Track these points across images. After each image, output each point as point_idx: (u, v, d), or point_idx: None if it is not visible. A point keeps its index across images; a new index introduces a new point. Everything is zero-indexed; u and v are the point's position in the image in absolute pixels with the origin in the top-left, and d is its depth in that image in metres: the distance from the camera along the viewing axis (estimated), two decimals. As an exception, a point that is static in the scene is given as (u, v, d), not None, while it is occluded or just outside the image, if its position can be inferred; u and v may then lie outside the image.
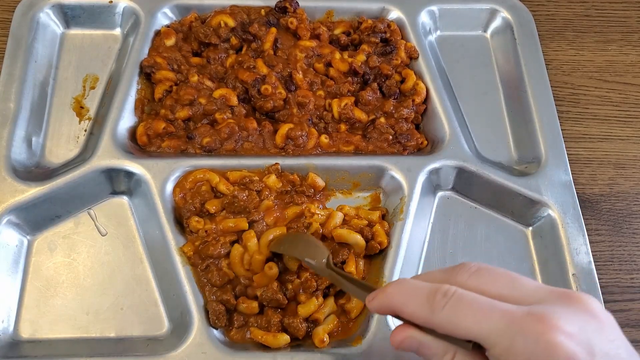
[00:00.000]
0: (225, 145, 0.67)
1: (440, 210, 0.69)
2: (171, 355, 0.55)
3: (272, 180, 0.64)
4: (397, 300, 0.40)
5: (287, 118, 0.69)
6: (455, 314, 0.36)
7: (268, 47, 0.72)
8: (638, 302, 0.66)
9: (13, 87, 0.66)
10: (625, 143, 0.76)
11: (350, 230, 0.62)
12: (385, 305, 0.41)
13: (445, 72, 0.77)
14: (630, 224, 0.70)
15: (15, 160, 0.63)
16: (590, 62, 0.81)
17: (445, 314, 0.36)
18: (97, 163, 0.63)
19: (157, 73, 0.69)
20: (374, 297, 0.42)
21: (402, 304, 0.39)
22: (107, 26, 0.75)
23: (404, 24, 0.77)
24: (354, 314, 0.59)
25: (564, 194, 0.67)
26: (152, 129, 0.66)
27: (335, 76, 0.72)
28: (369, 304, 0.43)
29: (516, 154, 0.73)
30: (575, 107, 0.78)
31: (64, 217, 0.64)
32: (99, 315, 0.59)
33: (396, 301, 0.40)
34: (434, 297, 0.37)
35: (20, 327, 0.58)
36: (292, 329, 0.57)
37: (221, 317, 0.57)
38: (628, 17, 0.86)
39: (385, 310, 0.42)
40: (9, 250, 0.60)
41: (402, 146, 0.70)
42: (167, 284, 0.60)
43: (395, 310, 0.40)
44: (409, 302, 0.39)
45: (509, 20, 0.79)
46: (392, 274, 0.60)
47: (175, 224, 0.62)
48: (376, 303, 0.42)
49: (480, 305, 0.36)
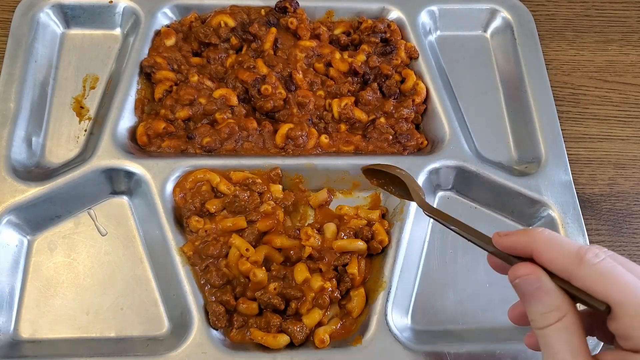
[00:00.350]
0: (225, 145, 0.67)
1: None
2: (171, 355, 0.55)
3: (276, 189, 0.64)
4: (542, 242, 0.39)
5: (287, 118, 0.69)
6: (603, 275, 0.36)
7: (268, 47, 0.72)
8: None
9: (13, 87, 0.67)
10: (625, 143, 0.76)
11: (350, 239, 0.61)
12: (524, 243, 0.40)
13: (445, 72, 0.77)
14: (630, 224, 0.70)
15: (15, 160, 0.63)
16: (590, 62, 0.81)
17: (593, 270, 0.37)
18: (97, 163, 0.63)
19: (157, 73, 0.69)
20: (509, 234, 0.41)
21: (546, 248, 0.39)
22: (107, 26, 0.75)
23: (404, 24, 0.77)
24: (355, 314, 0.59)
25: (564, 194, 0.67)
26: (152, 129, 0.66)
27: (335, 76, 0.72)
28: (499, 240, 0.42)
29: (516, 154, 0.73)
30: (575, 107, 0.78)
31: (64, 217, 0.64)
32: (99, 315, 0.59)
33: (541, 243, 0.39)
34: (585, 253, 0.37)
35: (20, 327, 0.58)
36: (289, 333, 0.57)
37: (221, 318, 0.57)
38: (628, 17, 0.86)
39: (518, 249, 0.41)
40: (9, 250, 0.60)
41: (402, 146, 0.70)
42: (167, 284, 0.60)
43: (534, 251, 0.39)
44: (554, 248, 0.39)
45: (509, 20, 0.79)
46: (392, 274, 0.60)
47: (175, 224, 0.62)
48: (512, 240, 0.41)
49: (631, 278, 0.36)
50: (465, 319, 0.62)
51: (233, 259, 0.59)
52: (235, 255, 0.59)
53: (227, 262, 0.60)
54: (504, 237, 0.41)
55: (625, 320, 0.35)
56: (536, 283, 0.39)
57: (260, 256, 0.59)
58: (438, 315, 0.63)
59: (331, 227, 0.63)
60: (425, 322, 0.62)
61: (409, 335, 0.59)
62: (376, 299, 0.59)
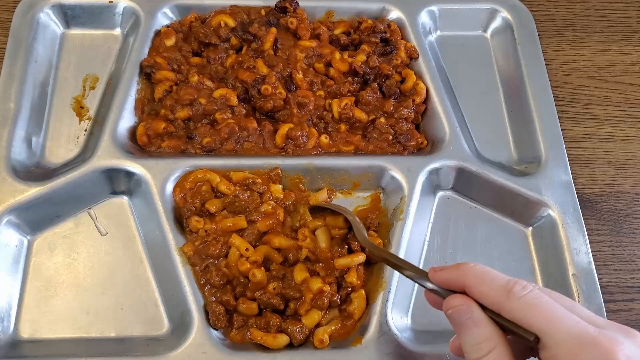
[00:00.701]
0: (225, 145, 0.67)
1: (440, 210, 0.69)
2: (171, 355, 0.55)
3: (276, 189, 0.64)
4: (472, 276, 0.41)
5: (287, 118, 0.69)
6: (531, 306, 0.38)
7: (268, 47, 0.72)
8: (638, 302, 0.66)
9: (13, 87, 0.66)
10: (625, 143, 0.76)
11: (351, 256, 0.61)
12: (455, 278, 0.42)
13: (445, 72, 0.77)
14: (630, 224, 0.70)
15: (15, 160, 0.63)
16: (590, 62, 0.81)
17: (521, 303, 0.38)
18: (97, 163, 0.63)
19: (157, 73, 0.69)
20: (443, 269, 0.43)
21: (477, 282, 0.41)
22: (107, 26, 0.75)
23: (404, 24, 0.77)
24: (357, 315, 0.59)
25: (564, 194, 0.67)
26: (152, 129, 0.66)
27: (335, 76, 0.72)
28: (434, 274, 0.44)
29: (516, 154, 0.73)
30: (575, 107, 0.78)
31: (64, 217, 0.64)
32: (99, 315, 0.59)
33: (472, 277, 0.41)
34: (513, 286, 0.39)
35: (20, 327, 0.58)
36: (289, 333, 0.57)
37: (221, 318, 0.57)
38: (628, 17, 0.86)
39: (452, 284, 0.43)
40: (9, 250, 0.60)
41: (402, 146, 0.70)
42: (167, 284, 0.60)
43: (465, 285, 0.41)
44: (485, 282, 0.40)
45: (509, 20, 0.79)
46: (392, 274, 0.60)
47: (175, 224, 0.62)
48: (445, 275, 0.43)
49: (557, 308, 0.38)
50: (465, 319, 0.62)
51: (233, 259, 0.59)
52: (235, 255, 0.59)
53: (227, 262, 0.60)
54: (439, 272, 0.44)
55: (553, 349, 0.37)
56: (467, 314, 0.41)
57: (259, 256, 0.59)
58: (438, 315, 0.62)
59: (323, 235, 0.62)
60: (425, 322, 0.62)
61: (409, 335, 0.59)
62: (376, 299, 0.59)
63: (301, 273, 0.59)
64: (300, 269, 0.60)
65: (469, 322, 0.40)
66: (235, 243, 0.60)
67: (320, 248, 0.61)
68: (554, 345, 0.37)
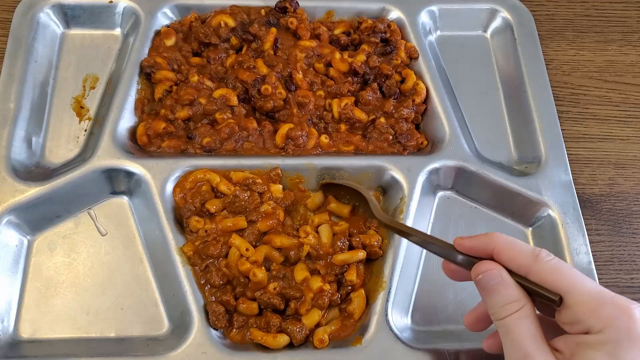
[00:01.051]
0: (225, 145, 0.67)
1: (440, 210, 0.69)
2: (171, 355, 0.55)
3: (277, 189, 0.64)
4: (501, 243, 0.44)
5: (287, 118, 0.69)
6: (556, 270, 0.42)
7: (268, 47, 0.72)
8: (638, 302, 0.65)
9: (13, 87, 0.67)
10: (625, 143, 0.76)
11: (351, 252, 0.61)
12: (485, 244, 0.45)
13: (445, 72, 0.77)
14: (630, 224, 0.70)
15: (15, 160, 0.63)
16: (590, 62, 0.81)
17: (547, 266, 0.42)
18: (97, 163, 0.63)
19: (157, 73, 0.69)
20: (471, 237, 0.46)
21: (506, 247, 0.44)
22: (107, 26, 0.75)
23: (404, 24, 0.77)
24: (357, 315, 0.59)
25: (564, 194, 0.67)
26: (152, 129, 0.66)
27: (335, 76, 0.72)
28: (462, 242, 0.47)
29: (516, 154, 0.73)
30: (575, 107, 0.78)
31: (64, 217, 0.64)
32: (99, 315, 0.59)
33: (501, 243, 0.44)
34: (540, 252, 0.43)
35: (20, 327, 0.58)
36: (289, 333, 0.57)
37: (221, 318, 0.57)
38: (628, 17, 0.86)
39: (479, 250, 0.45)
40: (9, 250, 0.60)
41: (402, 146, 0.70)
42: (167, 284, 0.60)
43: (495, 250, 0.44)
44: (514, 247, 0.44)
45: (509, 20, 0.79)
46: (392, 274, 0.60)
47: (175, 224, 0.62)
48: (474, 241, 0.46)
49: (578, 273, 0.42)
50: (465, 319, 0.62)
51: (233, 259, 0.59)
52: (235, 255, 0.59)
53: (227, 262, 0.60)
54: (467, 239, 0.47)
55: (574, 307, 0.41)
56: (497, 278, 0.44)
57: (260, 256, 0.59)
58: (438, 315, 0.63)
59: (325, 230, 0.62)
60: (425, 322, 0.62)
61: (409, 335, 0.59)
62: (376, 299, 0.59)
63: (302, 272, 0.59)
64: (301, 268, 0.60)
65: (497, 285, 0.43)
66: (235, 243, 0.60)
67: (322, 243, 0.61)
68: (575, 305, 0.40)
